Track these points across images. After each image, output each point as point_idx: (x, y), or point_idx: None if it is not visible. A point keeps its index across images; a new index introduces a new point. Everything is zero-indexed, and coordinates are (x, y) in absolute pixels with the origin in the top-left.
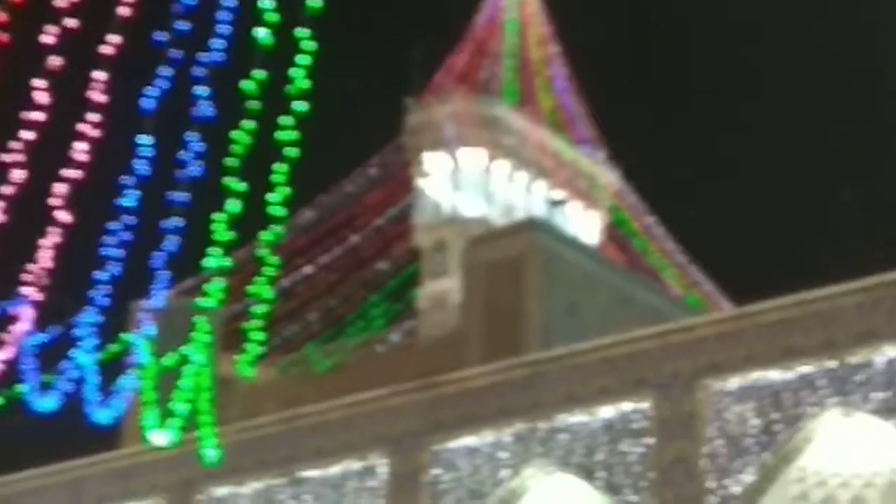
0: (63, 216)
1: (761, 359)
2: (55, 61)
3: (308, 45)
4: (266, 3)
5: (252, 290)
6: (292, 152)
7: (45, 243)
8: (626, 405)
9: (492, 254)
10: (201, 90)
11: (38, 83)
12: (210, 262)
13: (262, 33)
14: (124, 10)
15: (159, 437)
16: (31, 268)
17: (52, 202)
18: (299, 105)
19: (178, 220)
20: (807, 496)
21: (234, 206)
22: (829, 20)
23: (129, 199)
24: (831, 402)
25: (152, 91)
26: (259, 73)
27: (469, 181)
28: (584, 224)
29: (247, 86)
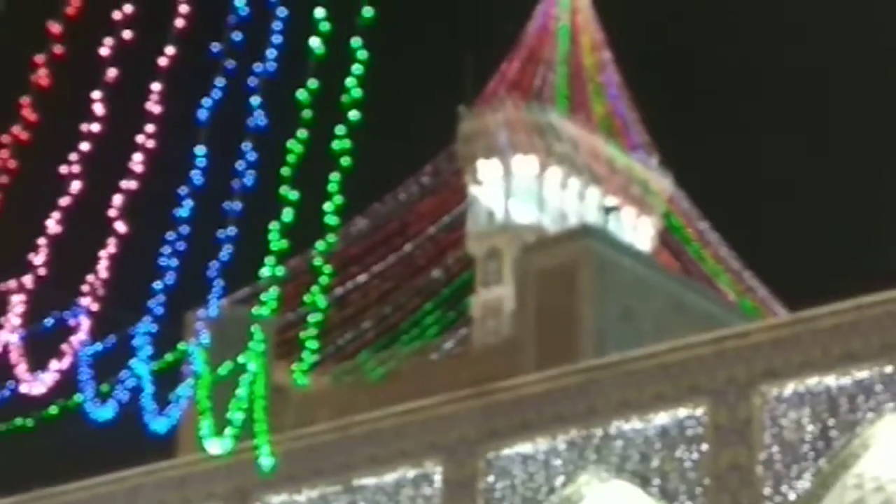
0: (119, 227)
1: (817, 364)
2: (112, 73)
3: (361, 54)
4: (319, 13)
5: (306, 298)
6: (346, 161)
7: (102, 254)
8: (681, 412)
9: (545, 261)
10: (255, 100)
11: (95, 95)
12: (265, 272)
13: (315, 43)
14: (179, 22)
15: (215, 446)
16: (89, 278)
17: (109, 213)
18: (353, 114)
19: (232, 230)
20: (864, 502)
21: (288, 215)
22: (879, 23)
23: (184, 209)
24: (888, 408)
25: (207, 102)
26: (312, 83)
27: (522, 188)
28: (638, 230)
29: (300, 96)
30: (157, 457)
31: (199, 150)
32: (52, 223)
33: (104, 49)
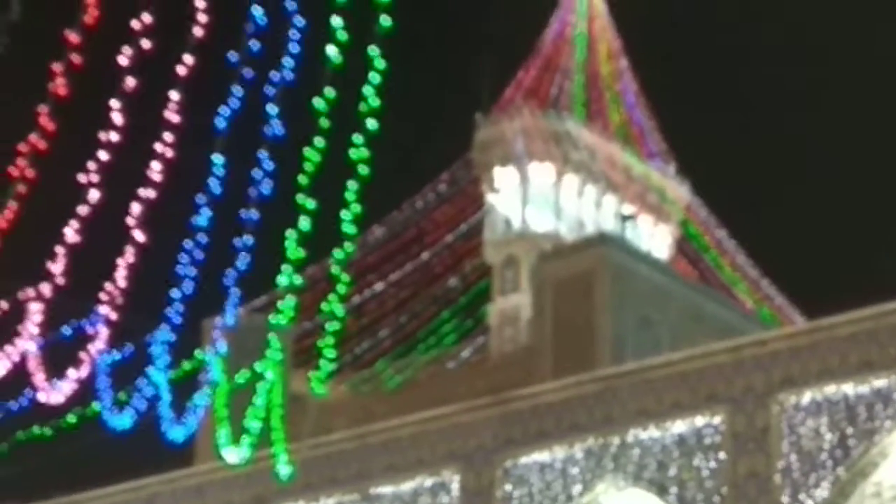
0: (137, 235)
1: (835, 373)
2: (130, 82)
3: (378, 63)
4: (336, 22)
5: (324, 307)
6: (363, 170)
7: (120, 263)
8: (699, 420)
9: (562, 269)
10: (273, 109)
11: (114, 104)
12: (282, 280)
13: (332, 52)
14: (198, 32)
15: (232, 455)
16: (107, 287)
17: (127, 222)
18: (370, 123)
19: (249, 239)
20: None
21: (305, 224)
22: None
23: (201, 217)
24: None
25: (225, 111)
26: (330, 92)
27: (539, 196)
28: (655, 238)
29: (318, 104)
30: (175, 465)
31: (217, 158)
32: (71, 232)
33: (122, 58)
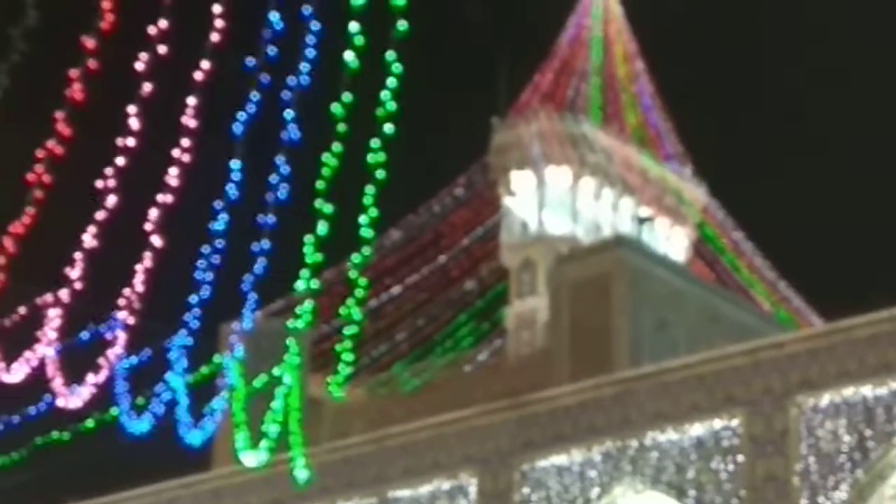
0: (155, 240)
1: (853, 374)
2: (147, 87)
3: (395, 67)
4: (353, 27)
5: (341, 311)
6: (380, 174)
7: (138, 268)
8: (717, 422)
9: (579, 272)
10: (289, 114)
11: (131, 109)
12: (299, 285)
13: (349, 57)
14: (214, 37)
15: (250, 459)
16: (124, 292)
17: (145, 227)
18: (387, 127)
19: (266, 243)
20: None
21: (322, 228)
22: None
23: (219, 222)
24: None
25: (242, 116)
26: (346, 97)
27: (555, 199)
28: (672, 240)
29: (335, 109)
30: (193, 470)
31: (234, 163)
32: (88, 237)
33: (139, 64)
